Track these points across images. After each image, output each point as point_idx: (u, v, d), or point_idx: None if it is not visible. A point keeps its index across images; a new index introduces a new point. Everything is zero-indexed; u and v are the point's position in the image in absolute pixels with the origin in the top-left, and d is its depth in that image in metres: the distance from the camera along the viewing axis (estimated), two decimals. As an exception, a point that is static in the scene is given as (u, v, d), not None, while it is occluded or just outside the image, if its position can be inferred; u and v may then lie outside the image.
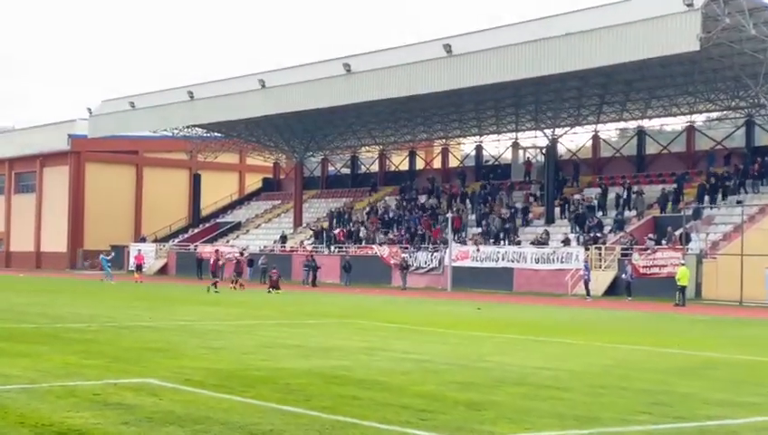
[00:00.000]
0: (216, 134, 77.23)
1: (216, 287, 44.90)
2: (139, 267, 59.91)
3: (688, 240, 45.85)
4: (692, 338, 23.11)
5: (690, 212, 48.15)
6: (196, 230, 79.52)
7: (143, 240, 79.54)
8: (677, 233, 46.98)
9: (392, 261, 56.54)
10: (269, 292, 44.76)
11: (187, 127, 73.39)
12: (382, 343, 19.65)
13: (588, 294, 44.28)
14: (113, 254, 63.81)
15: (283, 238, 68.38)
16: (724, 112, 58.27)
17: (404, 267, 54.28)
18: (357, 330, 23.25)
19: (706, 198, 50.62)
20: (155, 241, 79.07)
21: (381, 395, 12.13)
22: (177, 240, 78.11)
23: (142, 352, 16.58)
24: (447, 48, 50.30)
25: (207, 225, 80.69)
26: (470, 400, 11.98)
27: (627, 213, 53.05)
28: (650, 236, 48.52)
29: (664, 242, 47.26)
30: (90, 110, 75.72)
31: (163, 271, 73.43)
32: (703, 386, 13.90)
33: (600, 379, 14.40)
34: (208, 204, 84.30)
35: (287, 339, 20.08)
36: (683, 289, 39.87)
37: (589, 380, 14.24)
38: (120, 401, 11.16)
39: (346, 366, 15.21)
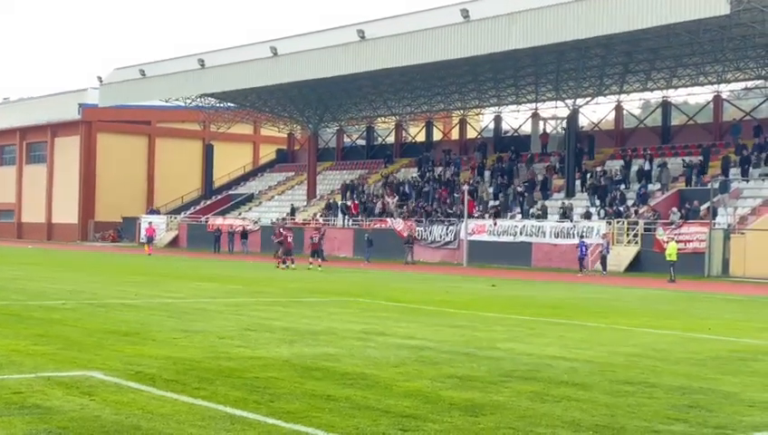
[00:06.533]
0: (229, 104, 75.32)
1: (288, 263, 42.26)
2: (150, 239, 58.75)
3: (715, 214, 43.75)
4: (725, 321, 21.00)
5: (717, 185, 45.86)
6: (208, 202, 77.76)
7: (155, 212, 77.92)
8: (704, 207, 44.85)
9: (405, 234, 54.52)
10: (310, 265, 42.30)
11: (200, 96, 71.47)
12: (381, 325, 17.69)
13: (604, 269, 42.96)
14: None
15: (293, 211, 66.43)
16: (754, 82, 55.68)
17: (408, 241, 52.36)
18: (357, 310, 21.29)
19: (734, 170, 48.31)
20: (166, 213, 77.41)
21: (362, 394, 10.15)
22: (188, 212, 76.38)
23: (105, 337, 14.68)
24: (465, 13, 48.15)
25: (220, 196, 78.85)
26: (468, 401, 10.00)
27: (650, 186, 50.76)
28: (674, 209, 46.38)
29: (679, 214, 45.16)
30: (100, 78, 74.00)
31: (174, 243, 71.79)
32: (746, 383, 11.84)
33: (625, 372, 12.40)
34: (221, 175, 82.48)
35: (276, 320, 18.17)
36: (673, 264, 38.66)
37: (611, 374, 12.24)
38: (41, 401, 9.22)
39: (332, 355, 13.27)
